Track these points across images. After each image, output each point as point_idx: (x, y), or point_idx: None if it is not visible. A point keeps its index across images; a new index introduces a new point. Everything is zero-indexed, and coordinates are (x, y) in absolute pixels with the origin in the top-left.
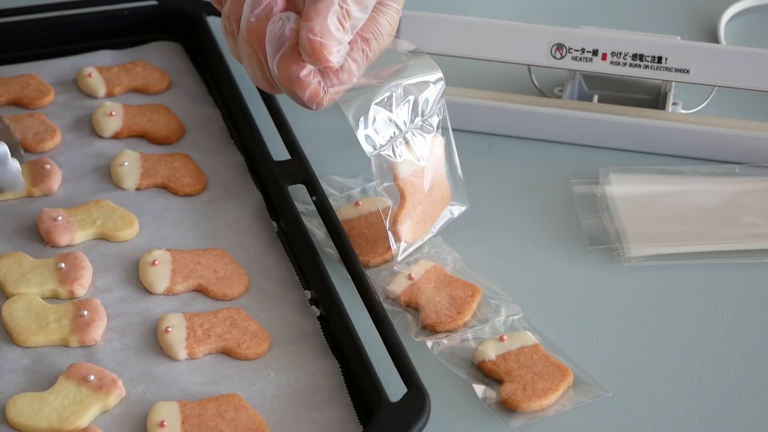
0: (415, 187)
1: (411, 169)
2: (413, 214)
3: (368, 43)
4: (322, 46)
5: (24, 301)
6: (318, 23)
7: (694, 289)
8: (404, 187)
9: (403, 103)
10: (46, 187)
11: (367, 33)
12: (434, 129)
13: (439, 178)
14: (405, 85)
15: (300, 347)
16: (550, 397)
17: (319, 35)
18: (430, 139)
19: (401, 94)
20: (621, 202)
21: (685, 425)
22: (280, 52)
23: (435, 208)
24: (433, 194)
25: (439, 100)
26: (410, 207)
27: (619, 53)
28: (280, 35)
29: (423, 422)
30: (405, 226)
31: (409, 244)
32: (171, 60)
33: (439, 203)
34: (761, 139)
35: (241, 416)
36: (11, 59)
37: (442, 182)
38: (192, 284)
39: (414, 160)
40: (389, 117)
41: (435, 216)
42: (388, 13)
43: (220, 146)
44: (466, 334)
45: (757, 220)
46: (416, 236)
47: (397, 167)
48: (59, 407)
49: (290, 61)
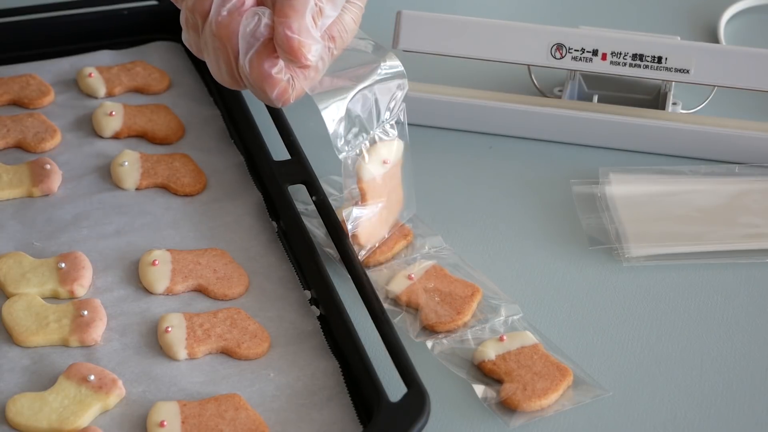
0: (377, 191)
1: (374, 173)
2: (371, 219)
3: (334, 41)
4: (301, 44)
5: (24, 301)
6: (296, 21)
7: (694, 289)
8: (366, 190)
9: (371, 105)
10: (46, 187)
11: (333, 31)
12: (394, 132)
13: (396, 182)
14: (374, 87)
15: (300, 347)
16: (550, 397)
17: (297, 33)
18: (393, 144)
19: (369, 96)
20: (621, 202)
21: (685, 425)
22: (254, 48)
23: (390, 213)
24: (390, 198)
25: (401, 104)
26: (369, 212)
27: (619, 53)
28: (254, 31)
29: (423, 422)
30: (362, 228)
31: (362, 248)
32: (171, 60)
33: (395, 207)
34: (761, 139)
35: (241, 416)
36: (11, 59)
37: (398, 187)
38: (192, 284)
39: (378, 163)
40: (357, 119)
41: (390, 221)
42: (352, 10)
43: (220, 146)
44: (466, 334)
45: (757, 220)
46: (371, 240)
47: (363, 170)
48: (59, 407)
49: (263, 58)
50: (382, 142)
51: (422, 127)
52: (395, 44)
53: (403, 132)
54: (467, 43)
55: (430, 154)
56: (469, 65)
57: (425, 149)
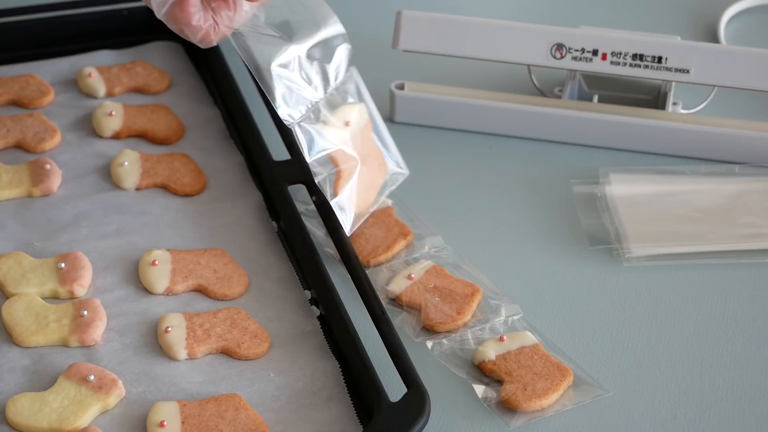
0: (347, 156)
1: (338, 138)
2: (352, 185)
3: None
4: None
5: (24, 301)
6: None
7: (694, 289)
8: (336, 157)
9: (311, 69)
10: (46, 187)
11: None
12: (353, 97)
13: (371, 145)
14: (308, 48)
15: (300, 347)
16: (550, 397)
17: None
18: (354, 107)
19: (306, 58)
20: (621, 202)
21: (685, 425)
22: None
23: (374, 177)
24: (369, 162)
25: (348, 68)
26: (347, 176)
27: (619, 53)
28: None
29: (423, 422)
30: (346, 195)
31: (357, 215)
32: (171, 60)
33: (377, 171)
34: (761, 139)
35: (241, 416)
36: (11, 59)
37: (374, 150)
38: (192, 284)
39: (338, 128)
40: (300, 84)
41: (376, 185)
42: None
43: (220, 146)
44: (466, 334)
45: (757, 220)
46: (362, 207)
47: (324, 136)
48: (59, 407)
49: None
50: (340, 107)
51: (422, 127)
52: (395, 44)
53: (361, 96)
54: (467, 43)
55: (430, 154)
56: (469, 65)
57: (425, 149)
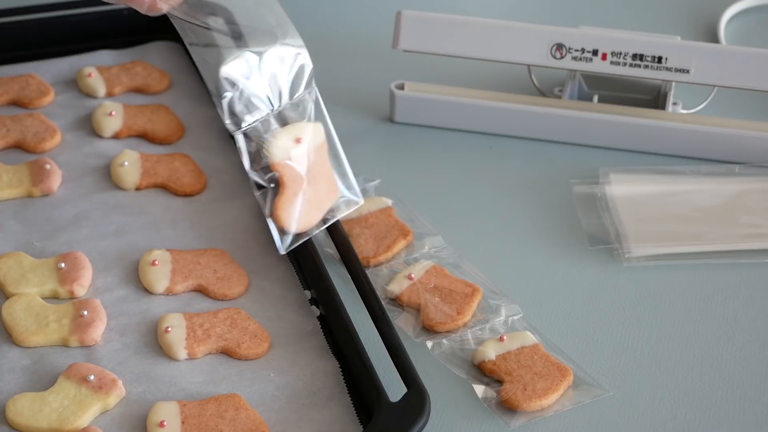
0: (295, 174)
1: (287, 154)
2: (295, 203)
3: None
4: None
5: (24, 301)
6: None
7: (694, 289)
8: (282, 172)
9: (264, 81)
10: (46, 187)
11: None
12: (309, 115)
13: (323, 168)
14: (265, 58)
15: (300, 347)
16: (550, 397)
17: None
18: (309, 125)
19: (261, 68)
20: (621, 202)
21: (685, 425)
22: None
23: (321, 200)
24: (317, 184)
25: (309, 84)
26: (291, 194)
27: (619, 53)
28: None
29: (423, 422)
30: (287, 213)
31: (297, 235)
32: (171, 60)
33: (326, 195)
34: (761, 139)
35: (241, 416)
36: (11, 59)
37: (327, 173)
38: (192, 284)
39: (289, 144)
40: (251, 92)
41: (322, 208)
42: None
43: (220, 146)
44: (466, 334)
45: (757, 220)
46: (301, 227)
47: (271, 149)
48: (59, 407)
49: None
50: (294, 123)
51: (422, 127)
52: (395, 44)
53: (320, 113)
54: (467, 43)
55: (430, 154)
56: (469, 65)
57: (425, 149)
